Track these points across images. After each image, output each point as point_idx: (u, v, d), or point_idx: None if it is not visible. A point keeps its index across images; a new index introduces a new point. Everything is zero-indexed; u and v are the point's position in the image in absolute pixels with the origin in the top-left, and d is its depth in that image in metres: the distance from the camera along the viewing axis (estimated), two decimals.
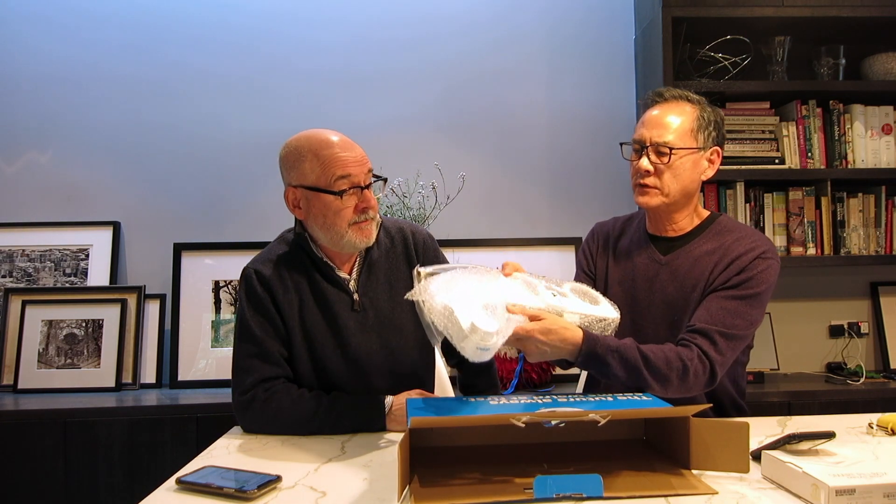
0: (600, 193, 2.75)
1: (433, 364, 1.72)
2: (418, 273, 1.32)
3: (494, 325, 1.19)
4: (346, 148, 1.51)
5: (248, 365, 1.51)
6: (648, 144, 1.55)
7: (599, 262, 1.71)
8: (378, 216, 1.58)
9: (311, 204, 1.51)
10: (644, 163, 1.55)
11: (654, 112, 1.58)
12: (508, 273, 1.40)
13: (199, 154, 2.69)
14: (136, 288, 2.57)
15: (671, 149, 1.53)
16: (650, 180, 1.55)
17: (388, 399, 1.50)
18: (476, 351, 1.18)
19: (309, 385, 1.55)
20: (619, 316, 1.44)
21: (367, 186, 1.52)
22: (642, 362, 1.38)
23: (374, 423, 1.47)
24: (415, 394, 1.53)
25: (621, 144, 1.66)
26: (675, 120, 1.55)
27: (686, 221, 1.63)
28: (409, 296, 1.28)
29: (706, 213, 1.66)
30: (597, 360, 1.37)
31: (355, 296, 1.58)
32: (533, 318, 1.31)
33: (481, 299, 1.25)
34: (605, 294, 1.55)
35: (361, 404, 1.49)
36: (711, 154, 1.60)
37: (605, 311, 1.43)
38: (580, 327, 1.37)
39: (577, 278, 1.73)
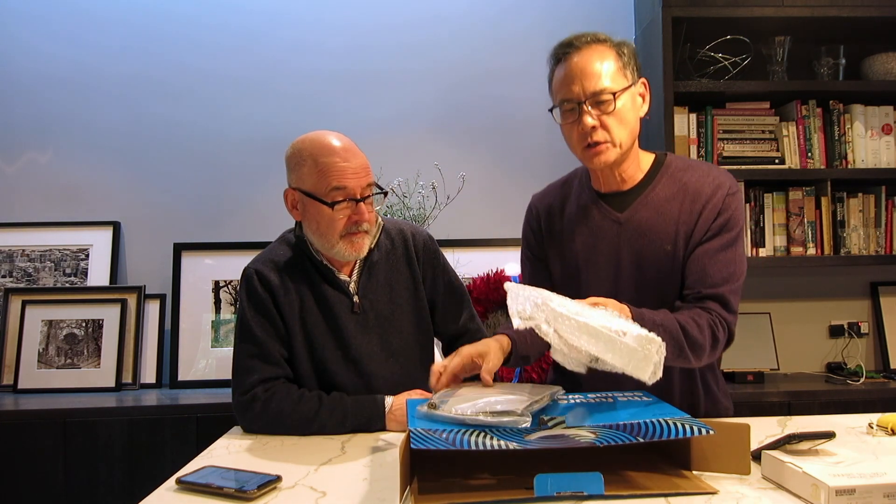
0: None
1: (433, 364, 1.71)
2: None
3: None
4: (348, 157, 1.49)
5: (248, 365, 1.51)
6: (585, 98, 1.38)
7: (548, 239, 1.56)
8: (379, 218, 1.58)
9: (307, 209, 1.51)
10: (588, 120, 1.38)
11: (576, 62, 1.39)
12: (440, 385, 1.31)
13: (200, 154, 2.69)
14: (136, 288, 2.57)
15: (613, 93, 1.38)
16: (599, 135, 1.39)
17: (388, 399, 1.50)
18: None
19: (310, 386, 1.55)
20: None
21: (364, 199, 1.50)
22: (686, 341, 1.33)
23: (374, 423, 1.47)
24: (415, 394, 1.53)
25: (550, 110, 1.46)
26: (601, 64, 1.39)
27: (633, 168, 1.49)
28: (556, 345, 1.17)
29: (651, 156, 1.52)
30: None
31: (355, 298, 1.58)
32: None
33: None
34: (562, 268, 1.52)
35: (361, 404, 1.49)
36: (640, 87, 1.46)
37: None
38: (628, 307, 1.30)
39: (524, 267, 1.64)
